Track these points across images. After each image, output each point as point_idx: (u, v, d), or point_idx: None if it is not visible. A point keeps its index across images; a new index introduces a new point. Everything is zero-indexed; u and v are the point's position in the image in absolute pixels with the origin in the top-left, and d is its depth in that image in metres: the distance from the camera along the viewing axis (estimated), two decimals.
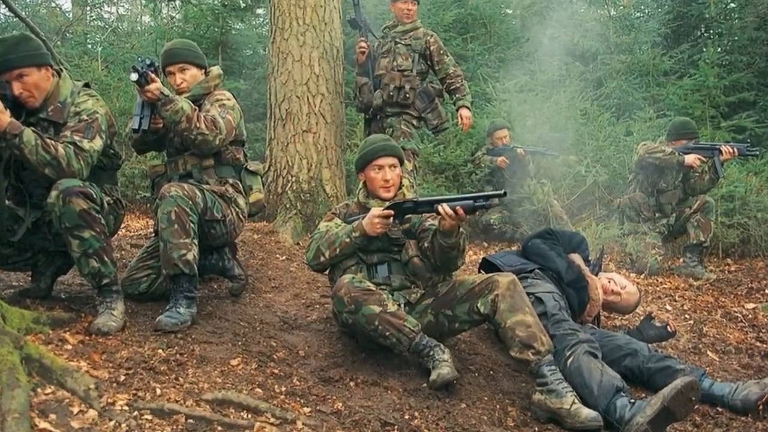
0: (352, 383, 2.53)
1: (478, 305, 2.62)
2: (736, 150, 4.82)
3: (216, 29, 7.51)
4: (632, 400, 2.51)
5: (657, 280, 4.71)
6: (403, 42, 4.70)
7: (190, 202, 2.80)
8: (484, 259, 3.42)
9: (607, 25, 8.45)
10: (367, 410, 2.33)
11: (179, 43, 3.26)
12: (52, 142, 2.51)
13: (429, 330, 2.70)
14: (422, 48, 4.68)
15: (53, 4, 10.42)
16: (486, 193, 2.61)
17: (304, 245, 4.31)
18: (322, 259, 2.81)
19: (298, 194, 4.75)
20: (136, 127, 2.92)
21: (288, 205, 4.72)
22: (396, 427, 2.26)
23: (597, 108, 6.74)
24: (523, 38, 8.90)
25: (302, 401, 2.31)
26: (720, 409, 2.81)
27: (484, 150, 5.92)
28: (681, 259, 5.15)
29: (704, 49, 8.11)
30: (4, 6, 5.55)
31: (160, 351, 2.43)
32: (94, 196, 2.56)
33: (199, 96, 3.14)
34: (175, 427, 1.97)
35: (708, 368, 3.22)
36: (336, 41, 5.09)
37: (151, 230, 3.84)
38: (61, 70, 2.78)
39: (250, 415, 2.12)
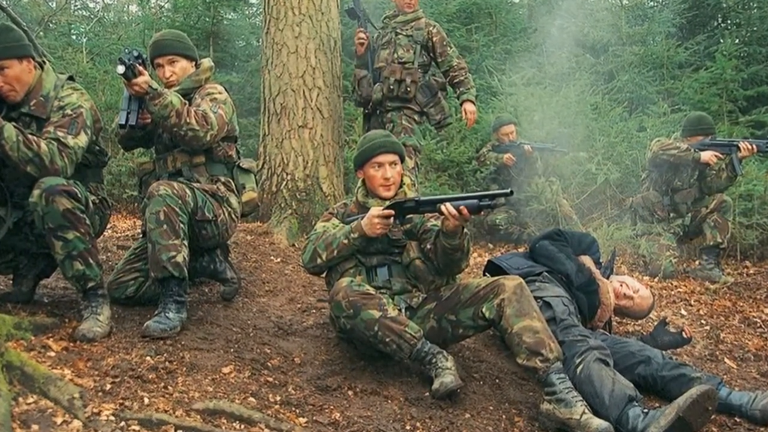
0: (350, 392, 2.53)
1: (483, 310, 2.62)
2: (754, 146, 4.81)
3: (207, 19, 7.52)
4: (645, 410, 2.51)
5: (671, 284, 4.71)
6: (404, 33, 4.70)
7: (180, 202, 2.80)
8: (489, 261, 3.42)
9: (619, 14, 8.45)
10: (366, 420, 2.33)
11: (168, 34, 3.27)
12: (35, 138, 2.52)
13: (431, 336, 2.70)
14: (424, 39, 4.68)
15: None
16: (491, 192, 2.61)
17: (300, 247, 4.31)
18: (318, 261, 2.81)
19: (293, 193, 4.75)
20: (123, 123, 2.93)
21: (283, 205, 4.73)
22: None
23: (608, 102, 6.74)
24: (530, 29, 8.90)
25: (298, 411, 2.31)
26: (738, 420, 2.81)
27: (489, 146, 5.92)
28: (697, 262, 5.15)
29: (721, 40, 8.12)
30: None
31: (148, 358, 2.43)
32: (79, 195, 2.56)
33: (189, 89, 3.14)
34: None
35: (725, 376, 3.22)
36: (333, 32, 5.09)
37: (139, 231, 3.85)
38: (44, 62, 2.79)
39: (242, 426, 2.13)
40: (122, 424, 1.99)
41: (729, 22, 9.26)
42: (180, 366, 2.43)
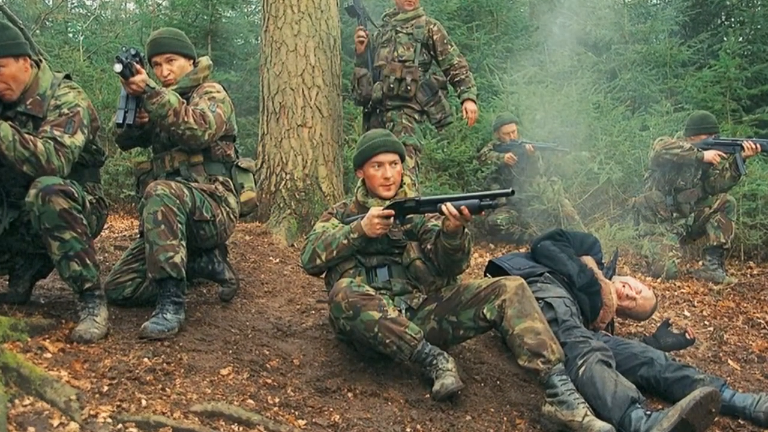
0: (350, 394, 2.53)
1: (484, 311, 2.62)
2: (758, 145, 4.82)
3: (205, 17, 7.51)
4: (648, 412, 2.51)
5: (675, 285, 4.71)
6: (404, 31, 4.70)
7: (178, 202, 2.81)
8: (490, 261, 3.42)
9: (622, 12, 8.44)
10: (366, 423, 2.33)
11: (166, 32, 3.27)
12: (31, 137, 2.52)
13: (432, 337, 2.70)
14: (425, 37, 4.68)
15: None
16: (493, 192, 2.61)
17: (299, 247, 4.31)
18: (318, 261, 2.81)
19: (292, 193, 4.75)
20: (121, 122, 2.93)
21: (282, 205, 4.73)
22: None
23: (611, 101, 6.74)
24: (532, 27, 8.90)
25: (297, 413, 2.32)
26: (742, 422, 2.81)
27: (490, 146, 5.92)
28: (700, 262, 5.15)
29: (725, 39, 8.11)
30: None
31: (145, 360, 2.43)
32: (76, 194, 2.56)
33: (187, 88, 3.14)
34: None
35: (729, 378, 3.22)
36: (333, 30, 5.09)
37: (137, 231, 3.85)
38: (41, 60, 2.79)
39: (241, 428, 2.13)
40: (119, 426, 1.98)
41: (732, 20, 9.26)
42: (178, 367, 2.43)
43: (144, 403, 2.13)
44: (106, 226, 3.84)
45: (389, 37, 4.72)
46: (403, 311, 2.74)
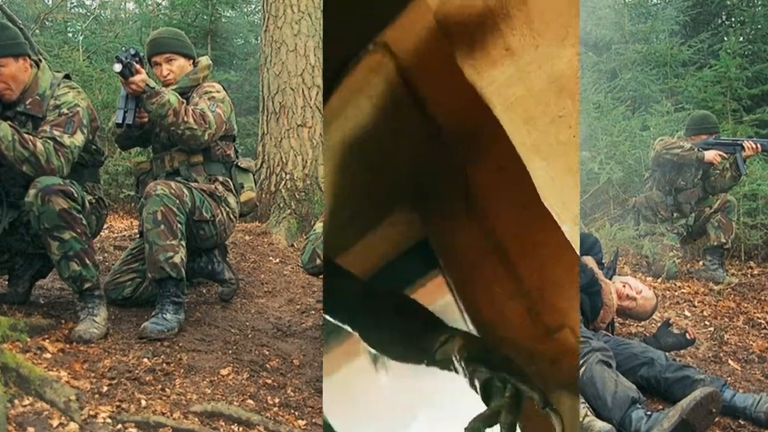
0: None
1: None
2: (759, 145, 4.82)
3: (205, 17, 7.51)
4: (649, 413, 2.51)
5: (675, 285, 4.71)
6: None
7: (178, 202, 2.81)
8: None
9: (622, 12, 8.43)
10: None
11: (166, 32, 3.27)
12: (30, 137, 2.52)
13: None
14: None
15: None
16: None
17: (299, 247, 4.31)
18: (318, 261, 2.80)
19: (292, 193, 4.75)
20: (120, 122, 2.93)
21: (282, 205, 4.73)
22: None
23: (611, 101, 6.73)
24: None
25: (297, 413, 2.32)
26: (742, 422, 2.80)
27: None
28: (701, 262, 5.14)
29: (725, 38, 8.10)
30: None
31: (145, 360, 2.43)
32: (75, 194, 2.56)
33: (186, 88, 3.15)
34: None
35: (729, 378, 3.22)
36: None
37: (136, 231, 3.85)
38: (40, 60, 2.79)
39: (241, 429, 2.13)
40: (119, 426, 1.98)
41: (733, 19, 9.25)
42: (177, 368, 2.43)
43: (144, 403, 2.13)
44: (105, 226, 3.85)
45: None
46: None
